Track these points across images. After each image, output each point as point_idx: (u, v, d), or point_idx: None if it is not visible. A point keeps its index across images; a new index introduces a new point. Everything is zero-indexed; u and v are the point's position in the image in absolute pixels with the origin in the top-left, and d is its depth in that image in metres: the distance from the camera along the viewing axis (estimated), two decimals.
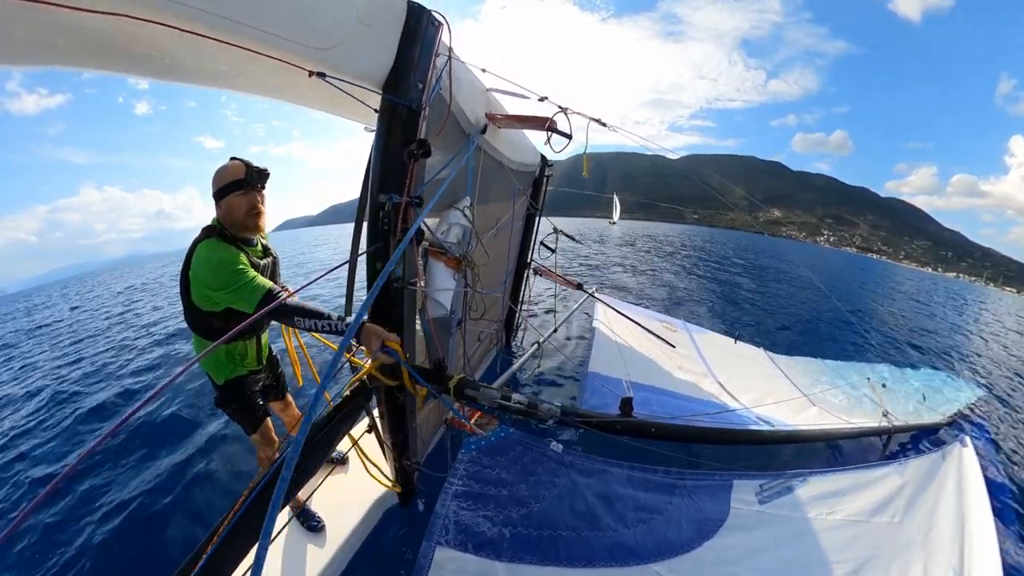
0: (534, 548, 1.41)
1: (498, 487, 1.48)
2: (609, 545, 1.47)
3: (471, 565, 1.34)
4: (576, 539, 1.46)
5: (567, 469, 1.57)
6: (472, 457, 1.51)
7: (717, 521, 1.64)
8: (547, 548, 1.41)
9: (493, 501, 1.46)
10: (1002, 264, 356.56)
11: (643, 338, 4.23)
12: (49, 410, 4.79)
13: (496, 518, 1.42)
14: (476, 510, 1.43)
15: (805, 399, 3.96)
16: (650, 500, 1.62)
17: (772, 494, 1.77)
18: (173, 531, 2.76)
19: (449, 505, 1.41)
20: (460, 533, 1.37)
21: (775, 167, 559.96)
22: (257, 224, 1.84)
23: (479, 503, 1.44)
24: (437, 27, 1.46)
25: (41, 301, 15.99)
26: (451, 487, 1.44)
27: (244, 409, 2.14)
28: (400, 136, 1.47)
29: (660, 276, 14.20)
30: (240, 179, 1.76)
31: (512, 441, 1.55)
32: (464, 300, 2.18)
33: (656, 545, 1.51)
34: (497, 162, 2.67)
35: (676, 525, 1.58)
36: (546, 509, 1.48)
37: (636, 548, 1.48)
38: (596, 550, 1.45)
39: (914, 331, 11.31)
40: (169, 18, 0.98)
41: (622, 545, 1.48)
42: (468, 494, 1.44)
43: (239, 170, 1.76)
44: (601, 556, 1.44)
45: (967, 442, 2.38)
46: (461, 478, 1.47)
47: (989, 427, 5.02)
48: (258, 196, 1.82)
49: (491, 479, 1.49)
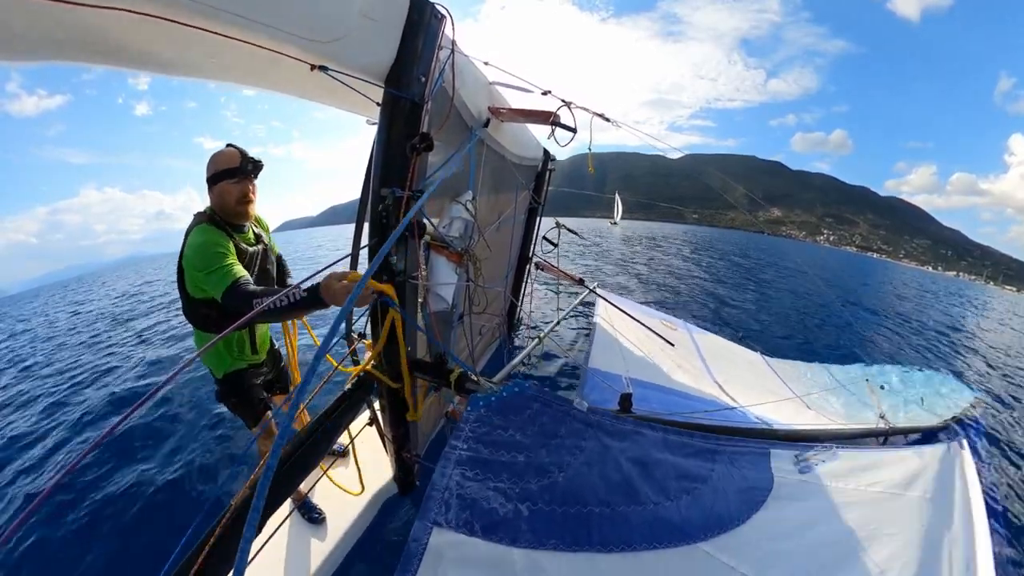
0: (559, 529, 1.11)
1: (513, 452, 1.20)
2: (650, 521, 1.21)
3: (478, 552, 1.04)
4: (611, 516, 1.18)
5: (595, 430, 1.31)
6: (480, 415, 1.23)
7: (764, 490, 1.45)
8: (576, 529, 1.12)
9: (507, 470, 1.16)
10: (1002, 263, 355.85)
11: (643, 335, 4.24)
12: (50, 409, 4.81)
13: (511, 491, 1.13)
14: (485, 480, 1.14)
15: (802, 402, 3.98)
16: (692, 466, 1.38)
17: (810, 464, 1.65)
18: (173, 527, 2.77)
19: (451, 474, 1.11)
20: (464, 510, 1.08)
21: (775, 167, 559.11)
22: (247, 211, 1.90)
23: (489, 472, 1.15)
24: (440, 20, 1.45)
25: (41, 303, 15.97)
26: (454, 452, 1.16)
27: (244, 403, 2.16)
28: (402, 129, 1.47)
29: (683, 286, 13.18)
30: (234, 167, 1.81)
31: (528, 397, 1.28)
32: (466, 294, 2.18)
33: (703, 520, 1.27)
34: (499, 156, 2.67)
35: (723, 495, 1.36)
36: (573, 478, 1.20)
37: (682, 524, 1.23)
38: (635, 529, 1.18)
39: (914, 331, 11.32)
40: (171, 13, 0.97)
41: (666, 521, 1.22)
42: (476, 461, 1.16)
43: (234, 158, 1.81)
44: (642, 536, 1.18)
45: (964, 445, 2.38)
46: (466, 441, 1.18)
47: (986, 429, 5.04)
48: (250, 185, 1.87)
49: (504, 442, 1.20)
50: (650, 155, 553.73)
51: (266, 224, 2.20)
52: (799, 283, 16.71)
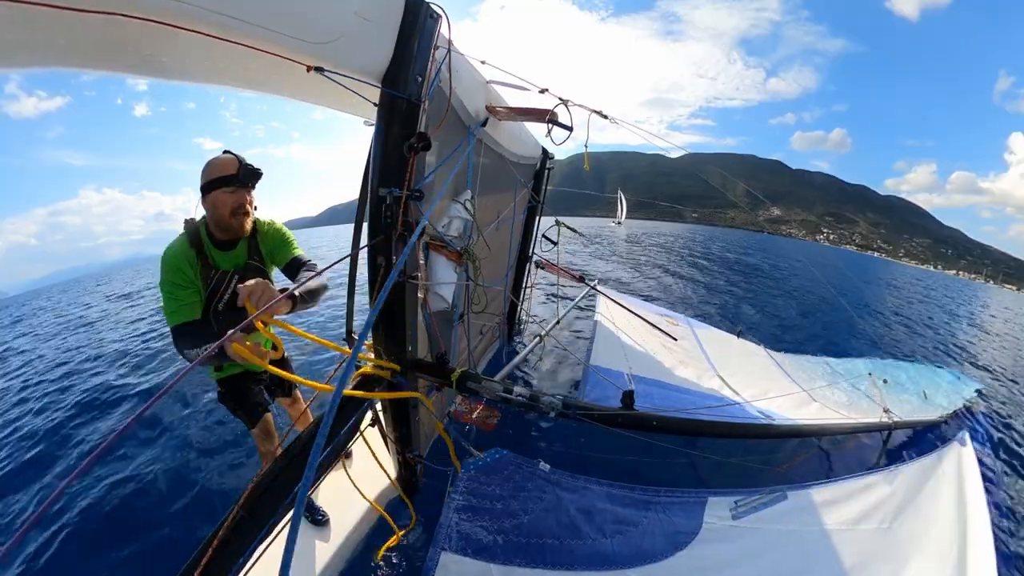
0: (523, 553, 1.60)
1: (493, 501, 1.66)
2: (589, 552, 1.65)
3: (470, 567, 1.52)
4: (560, 546, 1.64)
5: (553, 486, 1.74)
6: (471, 476, 1.67)
7: (689, 534, 1.77)
8: (535, 553, 1.61)
9: (488, 513, 1.64)
10: (1002, 261, 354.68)
11: (645, 331, 4.24)
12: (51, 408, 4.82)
13: (491, 527, 1.62)
14: (474, 521, 1.61)
15: (806, 395, 3.96)
16: (627, 514, 1.77)
17: (747, 509, 1.87)
18: (179, 526, 2.78)
19: (451, 517, 1.59)
20: (461, 540, 1.56)
21: (774, 165, 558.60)
22: (242, 224, 1.76)
23: (477, 515, 1.62)
24: (436, 20, 1.46)
25: (51, 303, 16.02)
26: (453, 501, 1.61)
27: (241, 407, 2.17)
28: (400, 130, 1.47)
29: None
30: (230, 175, 1.66)
31: (505, 461, 1.72)
32: (466, 293, 2.18)
33: (632, 553, 1.67)
34: (498, 155, 2.67)
35: (651, 536, 1.73)
36: (534, 520, 1.67)
37: (613, 555, 1.66)
38: (578, 556, 1.63)
39: (915, 328, 11.31)
40: (167, 17, 0.97)
41: (601, 552, 1.66)
42: (468, 507, 1.62)
43: (230, 165, 1.67)
44: (582, 561, 1.63)
45: (966, 440, 2.37)
46: (461, 493, 1.64)
47: (990, 424, 5.03)
48: (247, 195, 1.73)
49: (487, 494, 1.66)
50: (649, 154, 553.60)
51: (283, 236, 1.96)
52: (801, 281, 16.71)
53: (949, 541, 1.82)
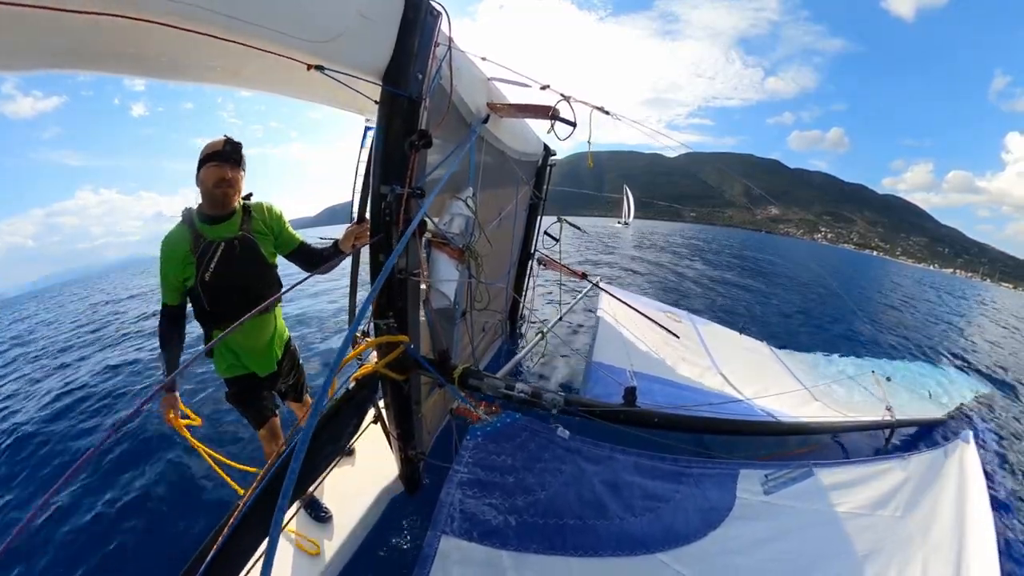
0: (540, 537, 1.38)
1: (504, 474, 1.45)
2: (615, 534, 1.44)
3: (476, 554, 1.31)
4: (582, 527, 1.43)
5: (574, 455, 1.53)
6: (477, 444, 1.47)
7: (723, 510, 1.61)
8: (553, 536, 1.39)
9: (499, 489, 1.42)
10: (999, 260, 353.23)
11: (647, 328, 4.23)
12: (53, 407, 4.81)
13: (502, 506, 1.39)
14: (481, 498, 1.40)
15: (808, 392, 3.96)
16: (658, 488, 1.58)
17: (778, 484, 1.75)
18: (180, 526, 2.78)
19: (454, 494, 1.38)
20: (465, 522, 1.34)
21: (772, 165, 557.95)
22: (224, 195, 1.90)
23: (485, 491, 1.41)
24: (436, 17, 1.45)
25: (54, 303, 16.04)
26: (456, 475, 1.41)
27: (246, 407, 2.22)
28: (401, 127, 1.46)
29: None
30: (217, 151, 1.85)
31: (518, 427, 1.51)
32: (468, 291, 2.18)
33: (663, 534, 1.48)
34: (499, 152, 2.67)
35: (683, 514, 1.55)
36: (552, 497, 1.44)
37: (643, 537, 1.46)
38: (602, 539, 1.42)
39: (915, 326, 11.30)
40: (166, 17, 0.96)
41: (628, 534, 1.45)
42: (473, 482, 1.41)
43: (218, 144, 1.86)
44: (607, 545, 1.42)
45: (969, 439, 2.37)
46: (466, 465, 1.43)
47: (992, 422, 5.02)
48: (229, 170, 1.88)
49: (497, 466, 1.46)
50: (648, 154, 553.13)
51: (276, 214, 2.15)
52: (803, 280, 16.70)
53: (952, 537, 1.82)
